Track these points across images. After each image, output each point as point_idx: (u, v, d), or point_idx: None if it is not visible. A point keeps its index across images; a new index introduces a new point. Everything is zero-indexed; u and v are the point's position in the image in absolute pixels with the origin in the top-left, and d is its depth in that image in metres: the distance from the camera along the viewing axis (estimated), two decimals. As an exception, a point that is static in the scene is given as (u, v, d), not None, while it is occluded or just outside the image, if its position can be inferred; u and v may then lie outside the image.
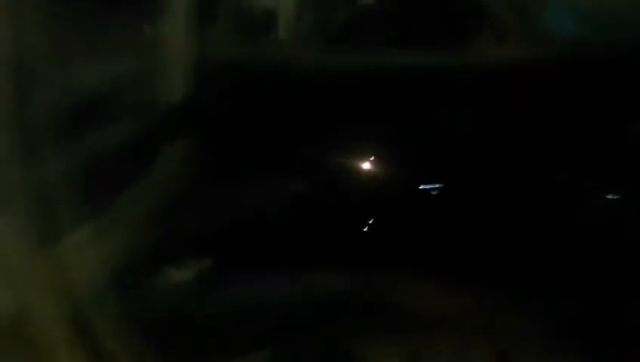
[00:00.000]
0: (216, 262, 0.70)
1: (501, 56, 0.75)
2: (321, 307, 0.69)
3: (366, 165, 0.74)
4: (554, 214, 0.71)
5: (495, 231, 0.71)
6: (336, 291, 0.70)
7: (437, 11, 0.76)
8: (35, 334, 0.65)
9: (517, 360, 0.67)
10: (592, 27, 0.77)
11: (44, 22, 0.66)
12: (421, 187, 0.73)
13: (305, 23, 0.76)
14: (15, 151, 0.65)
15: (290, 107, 0.74)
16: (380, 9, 0.77)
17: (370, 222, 0.72)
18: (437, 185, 0.73)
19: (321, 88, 0.73)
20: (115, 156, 0.68)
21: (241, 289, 0.70)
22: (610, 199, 0.73)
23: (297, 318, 0.69)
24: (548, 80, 0.74)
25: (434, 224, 0.72)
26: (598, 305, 0.67)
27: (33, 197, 0.65)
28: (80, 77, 0.68)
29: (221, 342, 0.67)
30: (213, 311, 0.69)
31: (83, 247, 0.67)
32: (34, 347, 0.64)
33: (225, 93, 0.73)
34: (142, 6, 0.71)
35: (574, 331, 0.67)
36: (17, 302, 0.64)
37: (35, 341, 0.65)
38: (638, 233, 0.70)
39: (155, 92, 0.71)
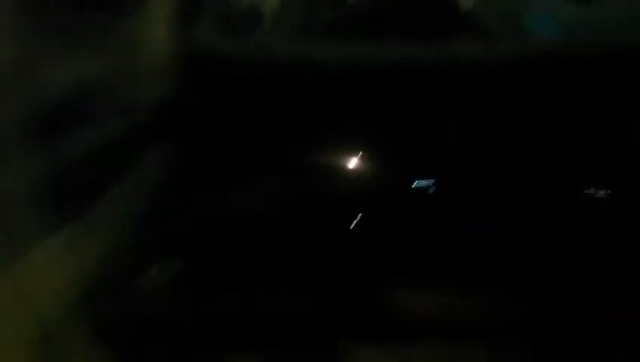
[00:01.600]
0: (201, 263, 0.69)
1: (480, 55, 0.75)
2: (310, 310, 0.68)
3: (355, 163, 0.73)
4: (539, 215, 0.71)
5: (487, 234, 0.70)
6: (326, 294, 0.68)
7: (417, 9, 0.76)
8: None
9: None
10: (575, 30, 0.78)
11: (20, 22, 0.63)
12: (413, 186, 0.72)
13: (290, 20, 0.75)
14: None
15: (274, 104, 0.72)
16: (367, 6, 0.76)
17: (359, 221, 0.71)
18: (427, 186, 0.72)
19: (306, 85, 0.72)
20: (95, 157, 0.66)
21: (227, 291, 0.68)
22: (592, 196, 0.73)
23: (286, 322, 0.67)
24: (528, 79, 0.74)
25: (424, 226, 0.71)
26: (593, 308, 0.67)
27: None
28: (57, 78, 0.65)
29: (205, 347, 0.66)
30: (197, 314, 0.67)
31: (53, 259, 0.64)
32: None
33: (209, 90, 0.71)
34: (122, 4, 0.68)
35: (568, 334, 0.67)
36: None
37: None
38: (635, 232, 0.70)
39: (136, 91, 0.68)
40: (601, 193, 0.72)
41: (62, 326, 0.63)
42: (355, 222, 0.71)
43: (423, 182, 0.72)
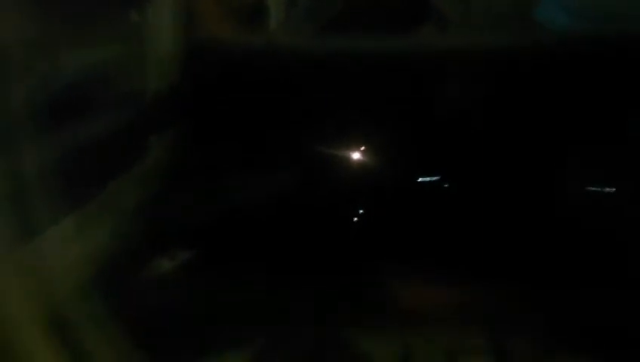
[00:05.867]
0: (205, 253, 0.68)
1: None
2: (313, 300, 0.67)
3: (357, 156, 0.72)
4: (537, 209, 0.70)
5: (490, 226, 0.69)
6: (328, 284, 0.68)
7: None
8: (12, 336, 0.61)
9: (514, 356, 0.66)
10: (585, 20, 0.77)
11: (27, 10, 0.63)
12: (417, 180, 0.72)
13: (296, 12, 0.74)
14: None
15: (280, 95, 0.72)
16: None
17: (361, 214, 0.70)
18: (431, 180, 0.72)
19: (310, 78, 0.72)
20: (102, 146, 0.65)
21: (229, 282, 0.67)
22: (594, 192, 0.72)
23: (288, 312, 0.67)
24: (539, 72, 0.73)
25: (426, 219, 0.71)
26: (597, 303, 0.66)
27: (9, 191, 0.62)
28: (64, 66, 0.65)
29: (209, 337, 0.65)
30: (201, 305, 0.66)
31: (64, 243, 0.63)
32: (11, 349, 0.61)
33: (213, 81, 0.71)
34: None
35: (572, 328, 0.66)
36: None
37: (11, 343, 0.61)
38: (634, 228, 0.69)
39: (142, 81, 0.68)
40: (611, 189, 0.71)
41: (73, 310, 0.62)
42: (357, 215, 0.70)
43: (427, 177, 0.72)
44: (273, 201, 0.70)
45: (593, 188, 0.72)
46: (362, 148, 0.72)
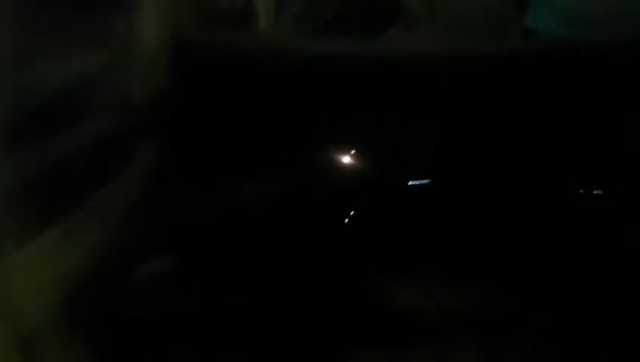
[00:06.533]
0: (193, 261, 0.67)
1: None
2: (304, 309, 0.66)
3: (351, 159, 0.72)
4: (527, 211, 0.70)
5: (483, 232, 0.69)
6: (320, 293, 0.67)
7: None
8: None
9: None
10: (576, 26, 0.77)
11: (10, 18, 0.61)
12: (409, 183, 0.71)
13: (286, 14, 0.74)
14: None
15: (269, 100, 0.71)
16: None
17: (353, 218, 0.70)
18: (424, 184, 0.71)
19: (302, 80, 0.71)
20: (87, 154, 0.64)
21: (219, 290, 0.66)
22: (588, 195, 0.72)
23: (280, 321, 0.66)
24: (529, 78, 0.72)
25: (420, 224, 0.70)
26: (591, 307, 0.66)
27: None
28: (47, 75, 0.64)
29: (198, 346, 0.64)
30: (189, 313, 0.65)
31: (41, 258, 0.62)
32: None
33: (202, 86, 0.70)
34: (116, 0, 0.67)
35: (566, 333, 0.66)
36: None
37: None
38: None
39: (130, 88, 0.67)
40: (603, 191, 0.71)
41: (49, 327, 0.61)
42: (350, 219, 0.70)
43: (419, 181, 0.71)
44: (265, 205, 0.69)
45: (581, 192, 0.72)
46: (353, 150, 0.71)
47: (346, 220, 0.70)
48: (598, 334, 0.65)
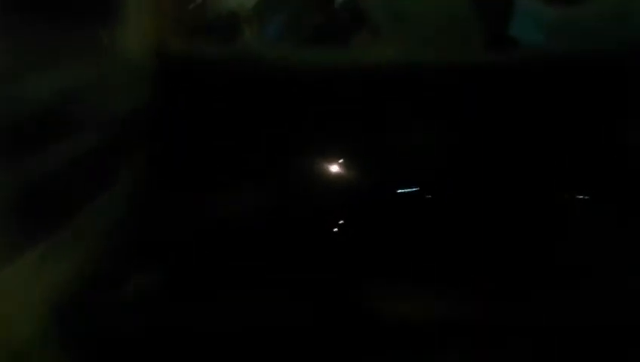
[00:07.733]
0: (185, 272, 0.67)
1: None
2: (296, 319, 0.67)
3: (340, 168, 0.72)
4: (531, 218, 0.70)
5: (476, 238, 0.69)
6: (311, 300, 0.67)
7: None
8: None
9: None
10: (559, 37, 0.77)
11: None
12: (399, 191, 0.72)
13: (272, 27, 0.74)
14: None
15: (257, 109, 0.71)
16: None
17: (343, 227, 0.70)
18: (414, 191, 0.72)
19: (289, 90, 0.71)
20: (72, 169, 0.64)
21: (212, 301, 0.67)
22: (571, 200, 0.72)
23: (270, 334, 0.66)
24: (514, 87, 0.73)
25: (413, 231, 0.71)
26: (583, 311, 0.66)
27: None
28: (32, 91, 0.64)
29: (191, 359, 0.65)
30: (182, 324, 0.65)
31: (27, 276, 0.62)
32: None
33: (186, 98, 0.70)
34: (100, 14, 0.67)
35: (562, 335, 0.66)
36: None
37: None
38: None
39: (115, 102, 0.67)
40: (592, 196, 0.72)
41: (38, 341, 0.61)
42: (341, 228, 0.70)
43: (408, 188, 0.72)
44: (256, 217, 0.69)
45: (581, 199, 0.72)
46: (340, 159, 0.72)
47: (335, 229, 0.70)
48: (597, 334, 0.66)
